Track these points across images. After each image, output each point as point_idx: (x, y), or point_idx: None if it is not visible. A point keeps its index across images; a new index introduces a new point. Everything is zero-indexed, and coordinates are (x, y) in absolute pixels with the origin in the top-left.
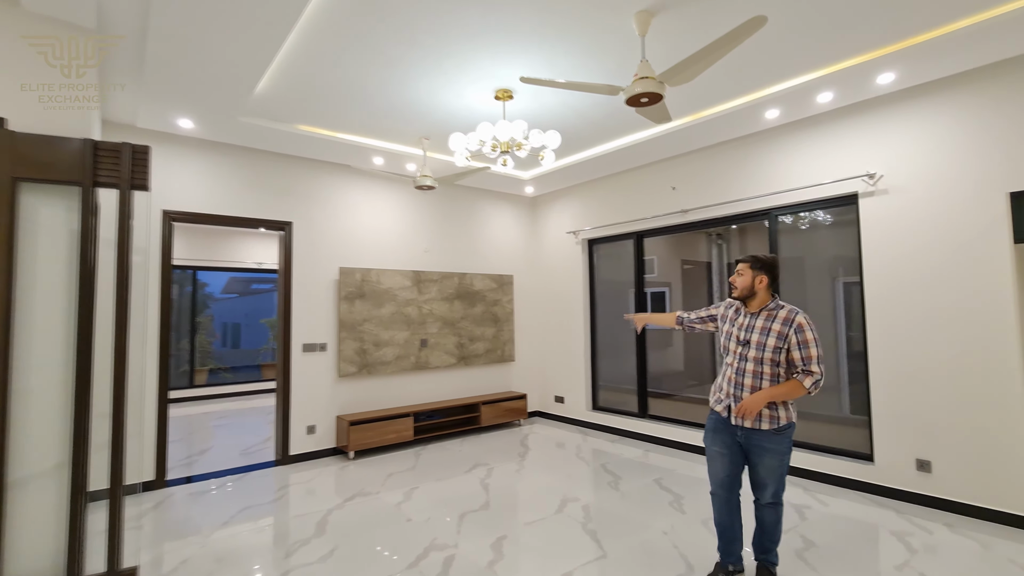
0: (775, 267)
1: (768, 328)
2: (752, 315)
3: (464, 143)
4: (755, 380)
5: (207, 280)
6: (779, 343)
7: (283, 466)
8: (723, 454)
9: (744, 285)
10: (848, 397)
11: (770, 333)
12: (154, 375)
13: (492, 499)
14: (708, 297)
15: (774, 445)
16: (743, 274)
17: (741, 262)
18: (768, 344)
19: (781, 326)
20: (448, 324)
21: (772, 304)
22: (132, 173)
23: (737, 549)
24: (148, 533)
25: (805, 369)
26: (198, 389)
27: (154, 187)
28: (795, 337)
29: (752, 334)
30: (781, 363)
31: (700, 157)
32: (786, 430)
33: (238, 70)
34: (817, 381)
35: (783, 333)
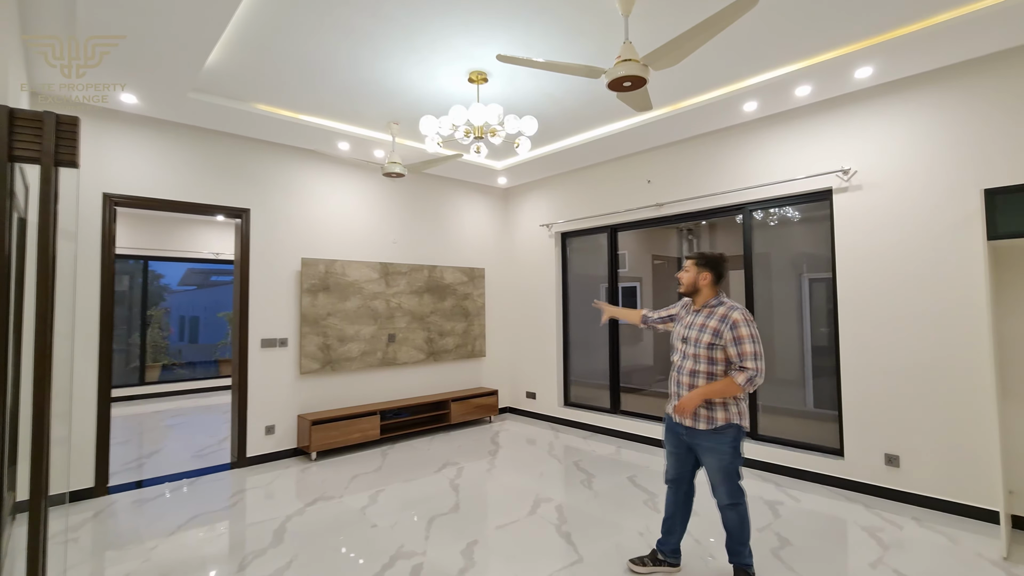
0: (719, 264)
1: (705, 325)
2: (696, 312)
3: (436, 127)
4: (692, 378)
5: (163, 271)
6: (713, 339)
7: (240, 469)
8: (672, 453)
9: (688, 281)
10: (812, 391)
11: (705, 330)
12: (93, 373)
13: (462, 501)
14: (678, 293)
15: (712, 444)
16: (688, 270)
17: (688, 259)
18: (702, 340)
19: (717, 322)
20: (417, 318)
21: (714, 301)
22: (57, 147)
23: (673, 541)
24: (84, 546)
25: (740, 365)
26: (150, 386)
27: (95, 168)
28: (729, 333)
29: (692, 331)
30: (717, 360)
31: (676, 150)
32: (725, 430)
33: (185, 38)
34: (752, 377)
35: (718, 329)
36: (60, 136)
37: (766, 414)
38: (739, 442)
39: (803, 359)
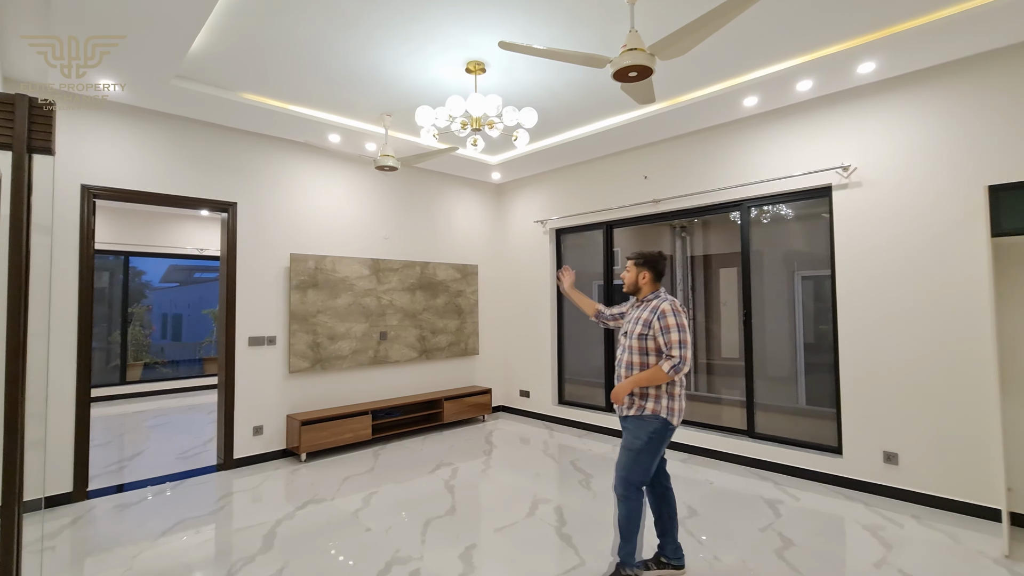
0: (657, 263)
1: (639, 317)
2: (636, 307)
3: (432, 118)
4: (628, 370)
5: (144, 267)
6: (643, 330)
7: (226, 471)
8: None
9: (630, 281)
10: (804, 388)
11: (639, 322)
12: (71, 373)
13: (458, 503)
14: (671, 289)
15: (631, 427)
16: (629, 270)
17: (628, 259)
18: (635, 332)
19: (648, 314)
20: (409, 316)
21: (651, 295)
22: (30, 132)
23: (671, 541)
24: (62, 555)
25: (667, 354)
26: (132, 386)
27: (72, 158)
28: (657, 323)
29: (629, 324)
30: (649, 351)
31: (674, 146)
32: (649, 420)
33: (169, 20)
34: (676, 365)
35: (648, 320)
36: (33, 121)
37: (759, 411)
38: (660, 436)
39: (795, 356)
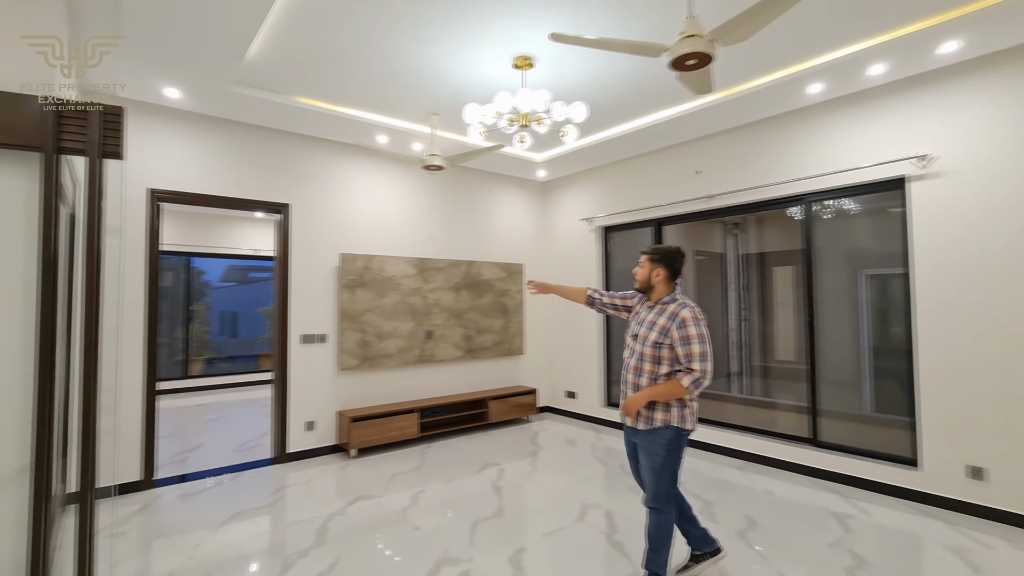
0: (674, 259)
1: (654, 322)
2: (649, 308)
3: (480, 115)
4: (636, 376)
5: (204, 268)
6: (659, 338)
7: (280, 464)
8: (631, 455)
9: (642, 278)
10: (871, 394)
11: (653, 327)
12: (140, 367)
13: (506, 504)
14: (722, 289)
15: (646, 444)
16: (642, 266)
17: (643, 253)
18: (649, 338)
19: (666, 320)
20: (455, 315)
21: (667, 298)
22: (103, 138)
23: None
24: (132, 541)
25: (686, 367)
26: (193, 380)
27: (140, 164)
28: (676, 332)
29: (642, 328)
30: (663, 359)
31: (729, 138)
32: (662, 432)
33: (227, 28)
34: (697, 379)
35: (665, 327)
36: (106, 127)
37: (822, 418)
38: (675, 445)
39: (860, 360)
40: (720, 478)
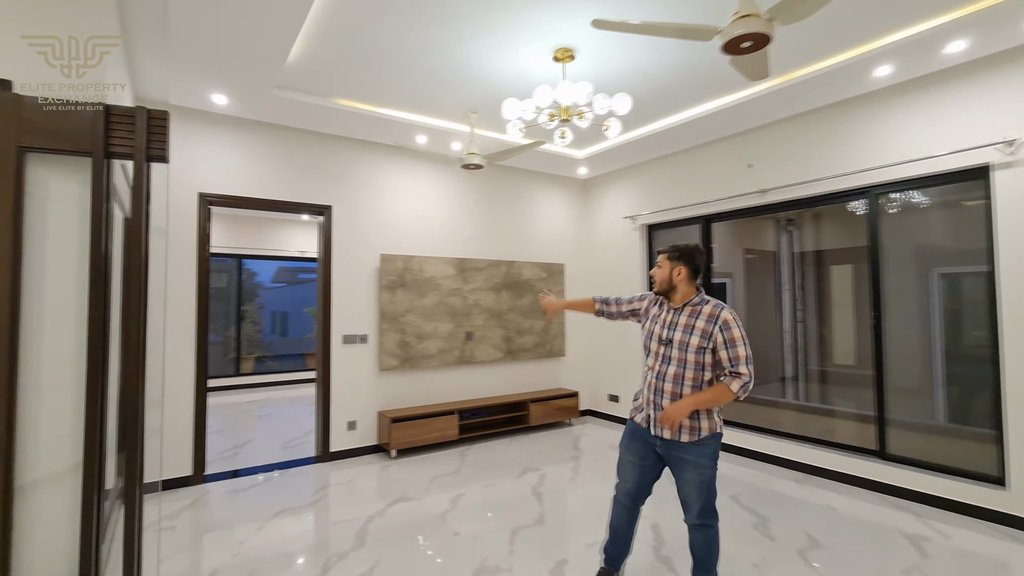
0: (695, 257)
1: (692, 326)
2: (675, 311)
3: (519, 110)
4: (676, 385)
5: (256, 269)
6: (703, 342)
7: (323, 463)
8: (635, 464)
9: (662, 278)
10: (944, 404)
11: (694, 331)
12: (191, 365)
13: (547, 512)
14: (775, 289)
15: (694, 457)
16: (661, 266)
17: (660, 253)
18: (691, 343)
19: (706, 323)
20: (494, 316)
21: (696, 299)
22: (148, 142)
23: (622, 555)
24: (181, 535)
25: (732, 371)
26: (244, 377)
27: (190, 169)
28: (721, 335)
29: (675, 332)
30: (706, 365)
31: (784, 128)
32: (708, 441)
33: (267, 33)
34: (746, 384)
35: (707, 331)
36: (151, 131)
37: (890, 428)
38: (718, 451)
39: (932, 365)
40: (776, 491)
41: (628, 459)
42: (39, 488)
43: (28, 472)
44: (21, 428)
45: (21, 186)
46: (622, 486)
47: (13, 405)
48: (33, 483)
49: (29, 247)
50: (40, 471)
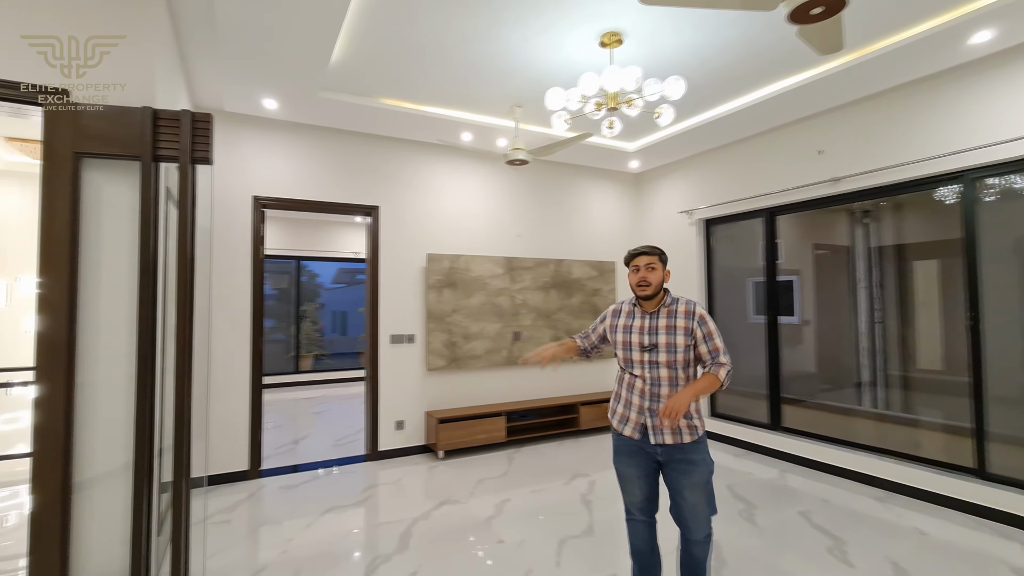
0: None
1: (674, 326)
2: (650, 315)
3: (564, 100)
4: (672, 388)
5: (318, 271)
6: (688, 340)
7: (372, 462)
8: (640, 477)
9: (658, 281)
10: None
11: (677, 331)
12: (246, 363)
13: (596, 522)
14: (849, 288)
15: (700, 455)
16: (656, 268)
17: (645, 255)
18: (679, 344)
19: (686, 321)
20: (543, 315)
21: (668, 300)
22: (193, 144)
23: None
24: (233, 530)
25: (715, 361)
26: (303, 375)
27: (244, 173)
28: (700, 330)
29: (658, 336)
30: (690, 362)
31: (860, 109)
32: (703, 439)
33: (309, 33)
34: (729, 372)
35: (689, 328)
36: (195, 133)
37: (991, 443)
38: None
39: None
40: (854, 510)
41: (631, 474)
42: (96, 484)
43: (86, 469)
44: (78, 425)
45: (78, 191)
46: (633, 503)
47: (71, 402)
48: (91, 480)
49: (85, 249)
50: (97, 468)
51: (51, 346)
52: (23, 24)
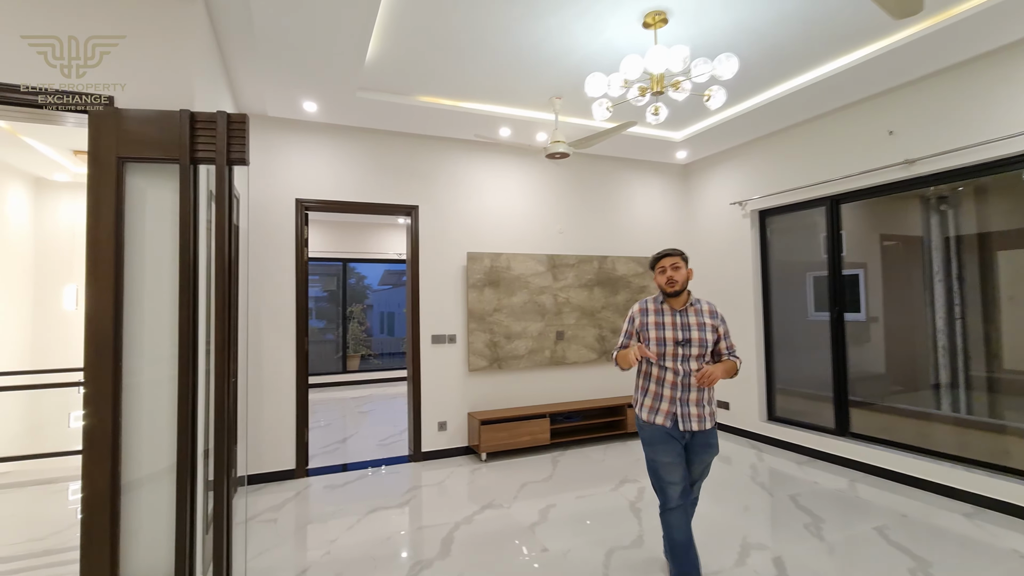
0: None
1: (703, 323)
2: (679, 313)
3: (605, 86)
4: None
5: (365, 272)
6: (714, 336)
7: (415, 463)
8: (675, 463)
9: (683, 279)
10: None
11: (706, 328)
12: (292, 364)
13: (646, 532)
14: (924, 282)
15: (715, 439)
16: (680, 267)
17: (669, 256)
18: (708, 340)
19: (711, 319)
20: (587, 314)
21: (693, 299)
22: (229, 146)
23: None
24: (279, 529)
25: (732, 355)
26: (350, 374)
27: (287, 177)
28: (722, 327)
29: (691, 332)
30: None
31: (938, 83)
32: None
33: (343, 31)
34: (741, 364)
35: (715, 326)
36: (231, 134)
37: None
38: None
39: None
40: (938, 527)
41: (668, 461)
42: (144, 485)
43: (133, 469)
44: (125, 426)
45: (122, 195)
46: (674, 488)
47: (119, 404)
48: (139, 480)
49: (130, 253)
50: (144, 469)
51: (98, 348)
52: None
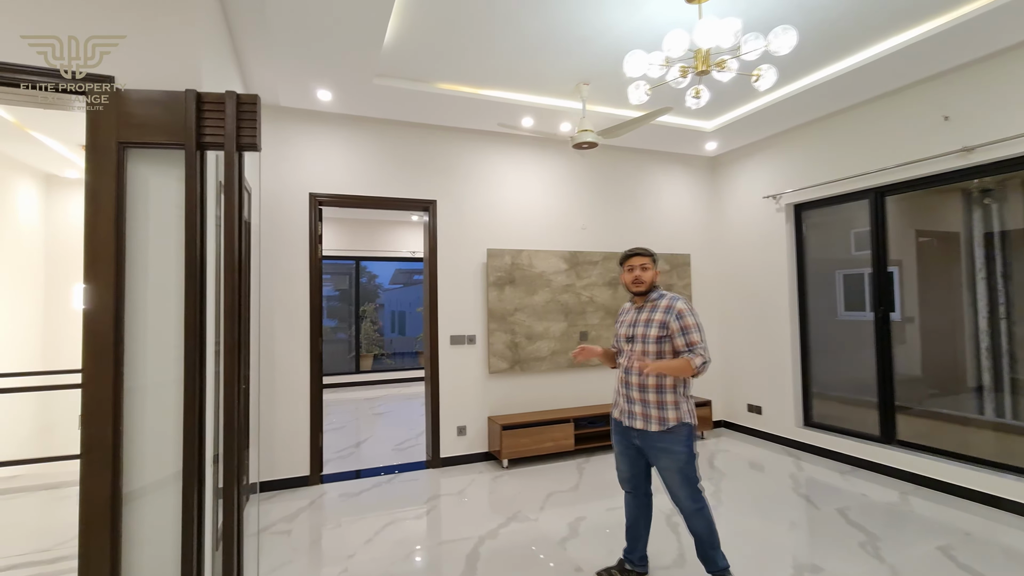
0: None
1: (650, 319)
2: (638, 310)
3: (645, 65)
4: (642, 377)
5: (377, 271)
6: (660, 332)
7: (434, 469)
8: (623, 453)
9: (650, 279)
10: None
11: (651, 324)
12: (305, 366)
13: (687, 548)
14: (967, 280)
15: (667, 445)
16: (648, 268)
17: (640, 255)
18: (650, 335)
19: (663, 315)
20: (612, 313)
21: (655, 295)
22: (239, 130)
23: (640, 548)
24: (294, 541)
25: (692, 351)
26: (363, 375)
27: (300, 170)
28: (676, 323)
29: (637, 328)
30: (666, 354)
31: (996, 64)
32: (677, 430)
33: (361, 17)
34: (705, 363)
35: (664, 321)
36: (241, 117)
37: None
38: (692, 441)
39: None
40: (1010, 547)
41: (618, 450)
42: (147, 494)
43: (135, 479)
44: (127, 433)
45: (123, 184)
46: (620, 475)
47: (119, 409)
48: (141, 489)
49: (132, 247)
50: (146, 478)
51: (97, 349)
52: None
